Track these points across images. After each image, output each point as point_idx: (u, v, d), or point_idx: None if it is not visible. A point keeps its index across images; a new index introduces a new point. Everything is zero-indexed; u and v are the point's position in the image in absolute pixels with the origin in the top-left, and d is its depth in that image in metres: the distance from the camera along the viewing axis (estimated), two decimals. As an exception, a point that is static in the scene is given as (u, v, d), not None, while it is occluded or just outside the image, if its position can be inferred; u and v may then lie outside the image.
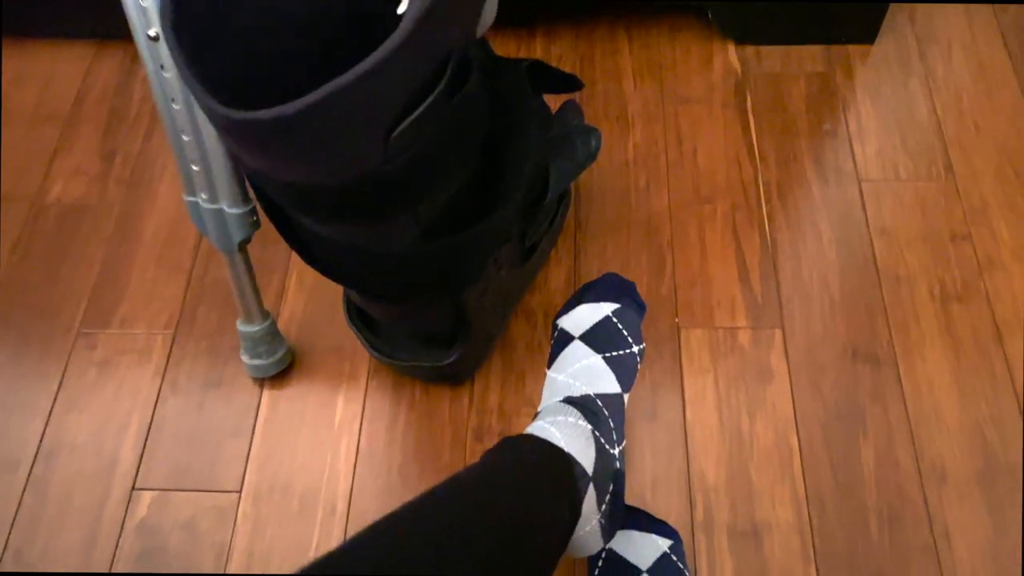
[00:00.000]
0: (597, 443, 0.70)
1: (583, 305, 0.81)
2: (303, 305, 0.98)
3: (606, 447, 0.71)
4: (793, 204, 1.02)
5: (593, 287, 0.82)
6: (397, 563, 0.47)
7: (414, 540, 0.49)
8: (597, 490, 0.68)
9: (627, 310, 0.80)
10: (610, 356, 0.77)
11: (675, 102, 1.11)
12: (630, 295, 0.82)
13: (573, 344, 0.78)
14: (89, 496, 0.88)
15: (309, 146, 0.52)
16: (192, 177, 0.78)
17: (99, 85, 1.18)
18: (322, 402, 0.92)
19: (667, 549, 0.76)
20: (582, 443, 0.69)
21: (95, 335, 0.97)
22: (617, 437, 0.73)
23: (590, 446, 0.69)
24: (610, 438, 0.72)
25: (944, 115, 1.08)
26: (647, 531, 0.78)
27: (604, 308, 0.81)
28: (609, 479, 0.70)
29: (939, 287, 0.96)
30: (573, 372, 0.76)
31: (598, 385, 0.74)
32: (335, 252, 0.69)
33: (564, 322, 0.81)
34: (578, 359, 0.77)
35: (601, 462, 0.70)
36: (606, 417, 0.73)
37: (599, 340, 0.78)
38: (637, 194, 1.04)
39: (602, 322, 0.79)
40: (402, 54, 0.50)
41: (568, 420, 0.70)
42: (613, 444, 0.72)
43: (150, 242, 1.04)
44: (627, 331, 0.79)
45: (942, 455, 0.86)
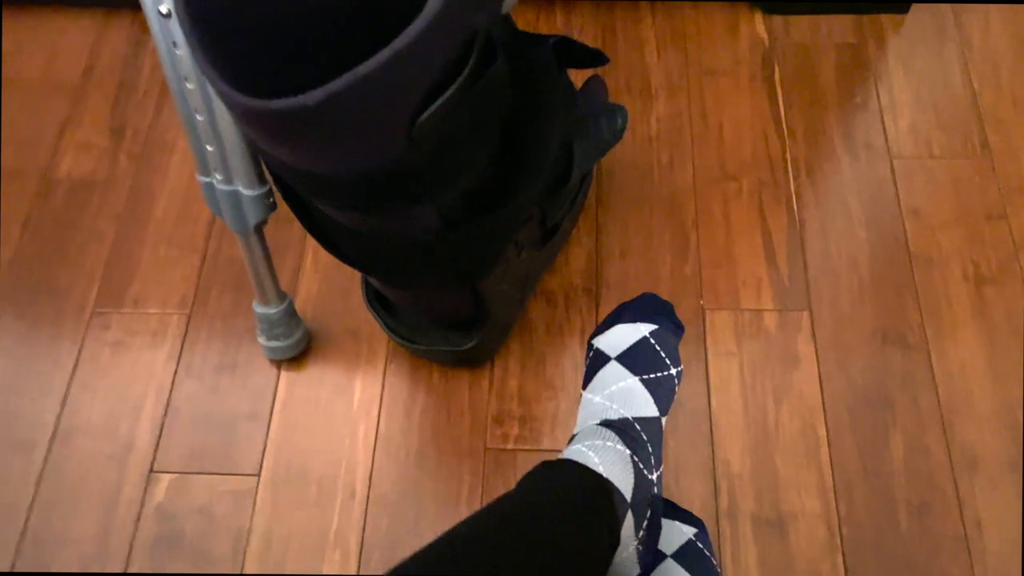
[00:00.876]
0: (636, 468, 0.68)
1: (620, 325, 0.78)
2: (319, 286, 0.96)
3: (644, 472, 0.69)
4: (822, 181, 0.99)
5: (630, 307, 0.80)
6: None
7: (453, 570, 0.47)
8: (635, 516, 0.67)
9: (665, 331, 0.78)
10: (648, 378, 0.74)
11: (700, 74, 1.07)
12: (668, 315, 0.80)
13: (610, 365, 0.76)
14: (106, 479, 0.87)
15: (331, 136, 0.49)
16: (206, 157, 0.75)
17: (108, 56, 1.15)
18: (340, 386, 0.91)
19: (692, 536, 0.75)
20: (620, 468, 0.67)
21: (108, 315, 0.96)
22: (655, 462, 0.72)
23: (628, 471, 0.67)
24: (648, 463, 0.70)
25: (981, 88, 1.04)
26: (672, 519, 0.76)
27: (642, 329, 0.78)
28: (647, 505, 0.69)
29: (972, 269, 0.93)
30: (610, 394, 0.74)
31: (636, 408, 0.72)
32: (354, 239, 0.66)
33: (600, 342, 0.79)
34: (615, 380, 0.74)
35: (639, 488, 0.68)
36: (644, 442, 0.71)
37: (636, 361, 0.76)
38: (660, 170, 1.01)
39: (639, 343, 0.77)
40: (427, 38, 0.47)
41: (607, 444, 0.68)
42: (651, 469, 0.71)
43: (162, 219, 1.02)
44: (665, 353, 0.77)
45: (974, 442, 0.84)
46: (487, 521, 0.54)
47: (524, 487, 0.62)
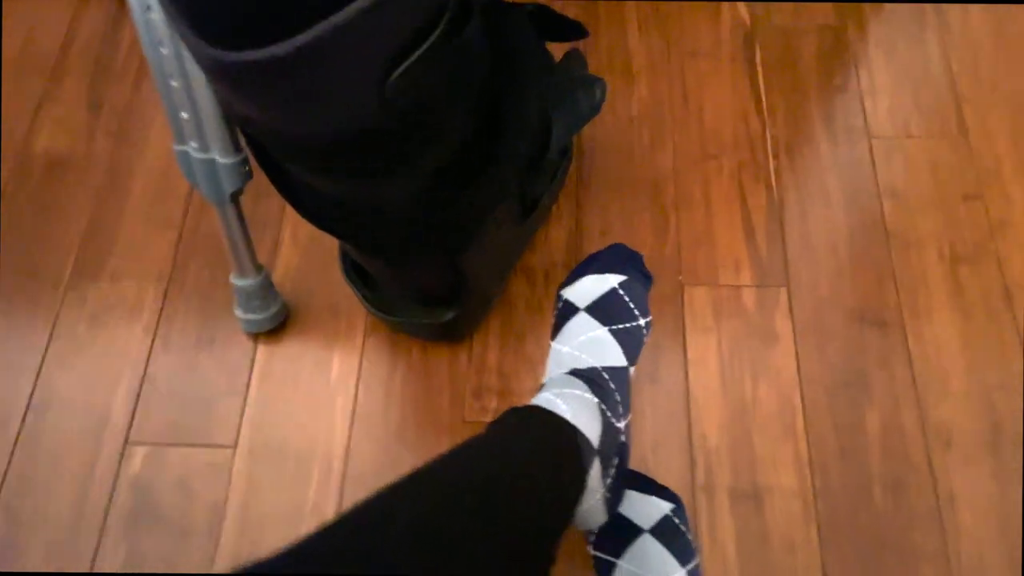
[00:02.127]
0: (603, 417, 0.68)
1: (589, 276, 0.78)
2: (298, 260, 0.96)
3: (612, 421, 0.69)
4: (801, 162, 1.00)
5: (599, 257, 0.80)
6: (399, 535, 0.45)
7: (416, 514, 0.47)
8: (603, 463, 0.67)
9: (634, 282, 0.78)
10: (616, 329, 0.75)
11: (681, 55, 1.08)
12: (637, 267, 0.80)
13: (578, 315, 0.76)
14: (81, 452, 0.86)
15: (302, 90, 0.49)
16: (181, 125, 0.75)
17: (85, 33, 1.14)
18: (318, 359, 0.90)
19: (669, 512, 0.75)
20: (588, 416, 0.67)
21: (84, 289, 0.95)
22: (623, 411, 0.72)
23: (596, 419, 0.68)
24: (616, 412, 0.70)
25: (959, 72, 1.05)
26: (648, 494, 0.76)
27: (610, 279, 0.79)
28: (614, 453, 0.69)
29: (949, 249, 0.93)
30: (579, 344, 0.74)
31: (604, 358, 0.73)
32: (331, 205, 0.66)
33: (569, 293, 0.79)
34: (584, 331, 0.74)
35: (607, 436, 0.68)
36: (612, 390, 0.71)
37: (605, 312, 0.76)
38: (641, 150, 1.01)
39: (608, 294, 0.77)
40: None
41: (575, 393, 0.68)
42: (619, 418, 0.71)
43: (139, 195, 1.01)
44: (633, 304, 0.77)
45: (948, 421, 0.85)
46: (452, 461, 0.54)
47: (492, 431, 0.63)
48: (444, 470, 0.52)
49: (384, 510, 0.48)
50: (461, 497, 0.49)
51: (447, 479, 0.51)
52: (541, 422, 0.65)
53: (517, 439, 0.61)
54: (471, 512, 0.49)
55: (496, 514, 0.50)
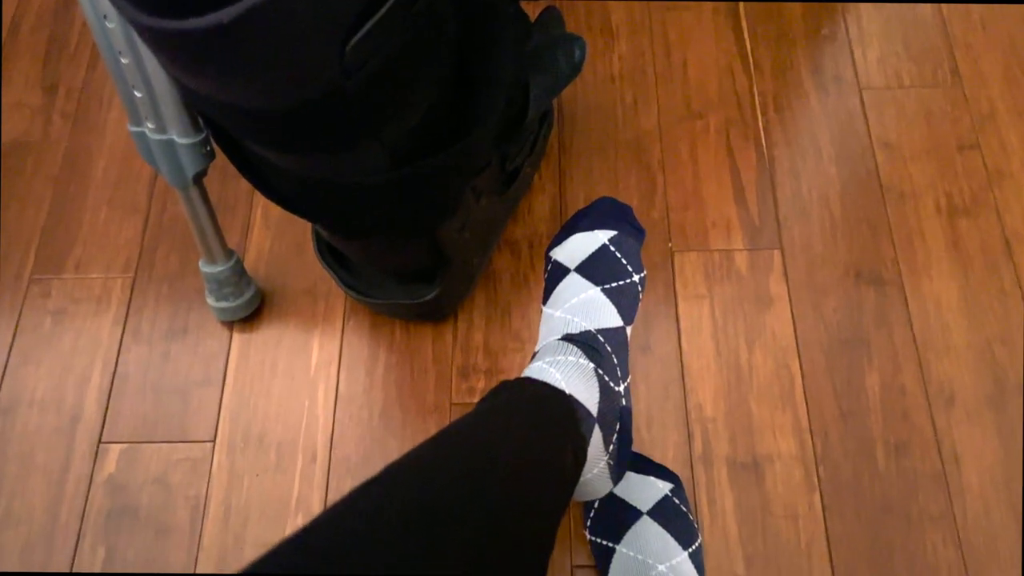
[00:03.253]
0: (601, 381, 0.65)
1: (577, 234, 0.75)
2: (271, 243, 0.92)
3: (610, 384, 0.66)
4: (791, 117, 0.96)
5: (587, 213, 0.76)
6: (395, 521, 0.42)
7: (409, 499, 0.44)
8: (603, 431, 0.64)
9: (625, 236, 0.74)
10: (610, 287, 0.71)
11: (662, 9, 1.03)
12: (627, 220, 0.76)
13: (569, 276, 0.72)
14: (53, 452, 0.83)
15: (253, 59, 0.45)
16: (136, 105, 0.70)
17: (34, 10, 1.08)
18: (296, 345, 0.87)
19: (668, 492, 0.72)
20: (584, 383, 0.64)
21: (48, 282, 0.91)
22: (621, 373, 0.68)
23: (593, 385, 0.64)
24: (614, 375, 0.67)
25: (949, 15, 1.01)
26: (646, 474, 0.74)
27: (600, 236, 0.75)
28: (616, 418, 0.66)
29: (946, 201, 0.90)
30: (571, 307, 0.70)
31: (598, 319, 0.69)
32: (296, 184, 0.62)
33: (557, 253, 0.75)
34: (575, 293, 0.71)
35: (606, 401, 0.65)
36: (608, 353, 0.68)
37: (597, 271, 0.72)
38: (624, 111, 0.97)
39: (599, 251, 0.73)
40: (354, -54, 0.42)
41: (568, 359, 0.65)
42: (617, 381, 0.67)
43: (101, 180, 0.96)
44: (626, 259, 0.73)
45: (950, 378, 0.82)
46: (442, 445, 0.50)
47: (481, 408, 0.59)
48: (432, 456, 0.49)
49: (371, 503, 0.44)
50: (453, 484, 0.46)
51: (436, 465, 0.48)
52: (533, 395, 0.62)
53: (509, 416, 0.58)
54: (468, 493, 0.45)
55: (493, 494, 0.47)
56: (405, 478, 0.46)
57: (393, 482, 0.45)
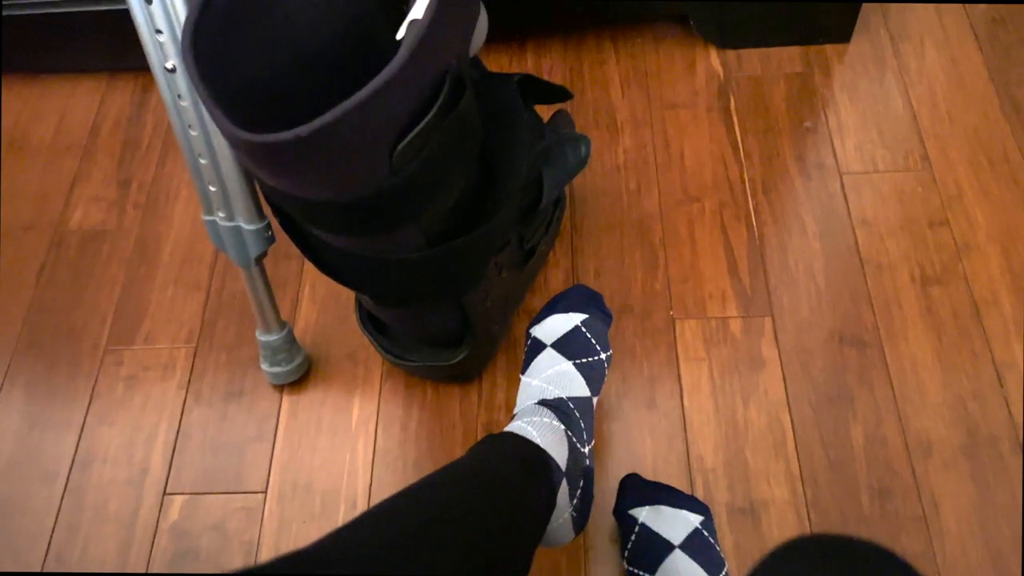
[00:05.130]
0: (569, 442, 0.76)
1: (554, 315, 0.87)
2: (316, 316, 1.04)
3: (577, 446, 0.77)
4: (778, 199, 1.07)
5: (563, 298, 0.88)
6: (393, 542, 0.52)
7: (409, 520, 0.54)
8: (570, 484, 0.74)
9: (595, 320, 0.86)
10: (580, 363, 0.83)
11: (662, 107, 1.17)
12: (597, 305, 0.88)
13: (546, 351, 0.84)
14: (123, 502, 0.93)
15: (323, 163, 0.57)
16: (210, 198, 0.83)
17: (112, 116, 1.24)
18: (339, 405, 0.97)
19: (698, 525, 0.80)
20: (556, 441, 0.75)
21: (121, 352, 1.03)
22: (587, 437, 0.79)
23: (563, 444, 0.75)
24: (581, 438, 0.78)
25: (919, 108, 1.13)
26: (678, 507, 0.82)
27: (574, 318, 0.86)
28: (580, 475, 0.76)
29: (919, 271, 1.01)
30: (546, 377, 0.82)
31: (570, 389, 0.80)
32: (346, 260, 0.74)
33: (537, 331, 0.87)
34: (551, 365, 0.82)
35: (573, 459, 0.75)
36: (577, 419, 0.79)
37: (570, 347, 0.84)
38: (629, 196, 1.10)
39: (572, 331, 0.85)
40: (402, 76, 0.55)
41: (543, 420, 0.76)
42: (583, 443, 0.78)
43: (168, 262, 1.09)
44: (595, 339, 0.85)
45: (927, 430, 0.91)
46: (438, 478, 0.61)
47: (470, 454, 0.70)
48: (431, 484, 0.60)
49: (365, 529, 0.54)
50: (449, 505, 0.56)
51: (434, 491, 0.59)
52: (514, 444, 0.73)
53: (494, 457, 0.69)
54: (459, 517, 0.56)
55: (481, 520, 0.57)
56: (400, 509, 0.56)
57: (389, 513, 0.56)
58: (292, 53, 0.65)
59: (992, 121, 1.11)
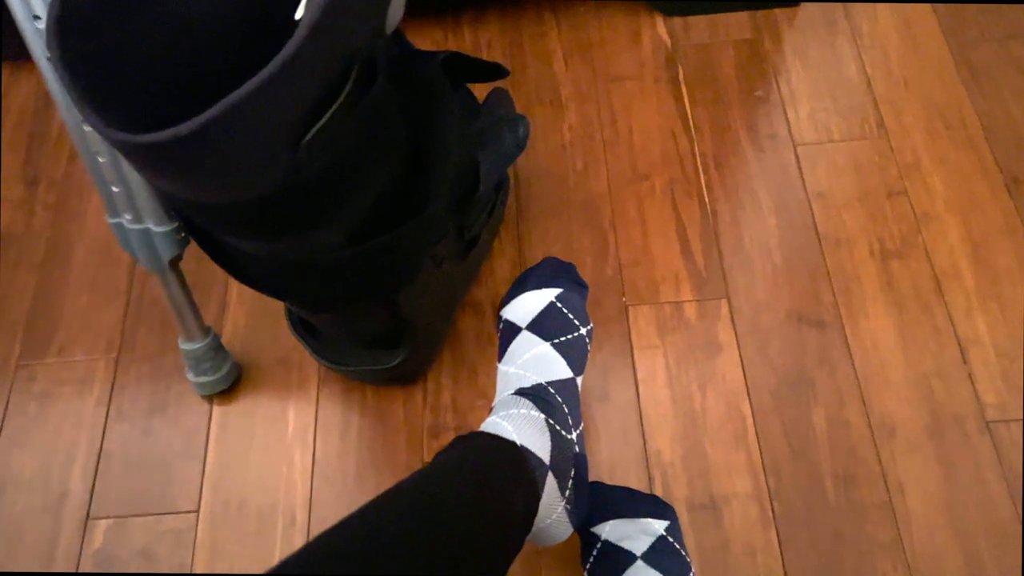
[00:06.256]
0: (552, 430, 0.70)
1: (526, 293, 0.80)
2: (245, 318, 0.97)
3: (562, 433, 0.71)
4: (730, 174, 1.02)
5: (533, 273, 0.82)
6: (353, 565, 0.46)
7: (365, 544, 0.48)
8: (557, 478, 0.68)
9: (570, 293, 0.80)
10: (559, 342, 0.76)
11: (607, 81, 1.11)
12: (571, 277, 0.82)
13: (521, 335, 0.78)
14: (41, 530, 0.86)
15: (212, 164, 0.50)
16: (113, 199, 0.76)
17: (16, 110, 1.14)
18: (273, 415, 0.91)
19: (663, 532, 0.76)
20: (536, 433, 0.69)
21: (33, 367, 0.95)
22: (573, 421, 0.73)
23: (544, 435, 0.69)
24: (565, 424, 0.72)
25: (873, 73, 1.09)
26: (642, 516, 0.77)
27: (547, 294, 0.80)
28: (569, 464, 0.70)
29: (878, 245, 0.97)
30: (523, 363, 0.75)
31: (549, 372, 0.74)
32: (262, 266, 0.67)
33: (508, 313, 0.80)
34: (527, 349, 0.76)
35: (558, 449, 0.69)
36: (560, 403, 0.73)
37: (546, 327, 0.77)
38: (575, 176, 1.04)
39: (547, 309, 0.79)
40: (298, 63, 0.48)
41: (520, 412, 0.70)
42: (569, 429, 0.72)
43: (82, 267, 1.01)
44: (572, 314, 0.79)
45: (891, 411, 0.87)
46: (396, 494, 0.55)
47: (435, 460, 0.64)
48: (388, 502, 0.53)
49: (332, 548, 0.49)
50: (407, 525, 0.50)
51: (390, 509, 0.52)
52: (483, 446, 0.67)
53: (458, 468, 0.62)
54: (420, 537, 0.50)
55: (443, 536, 0.51)
56: (357, 531, 0.50)
57: (346, 535, 0.49)
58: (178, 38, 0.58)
59: (948, 85, 1.07)
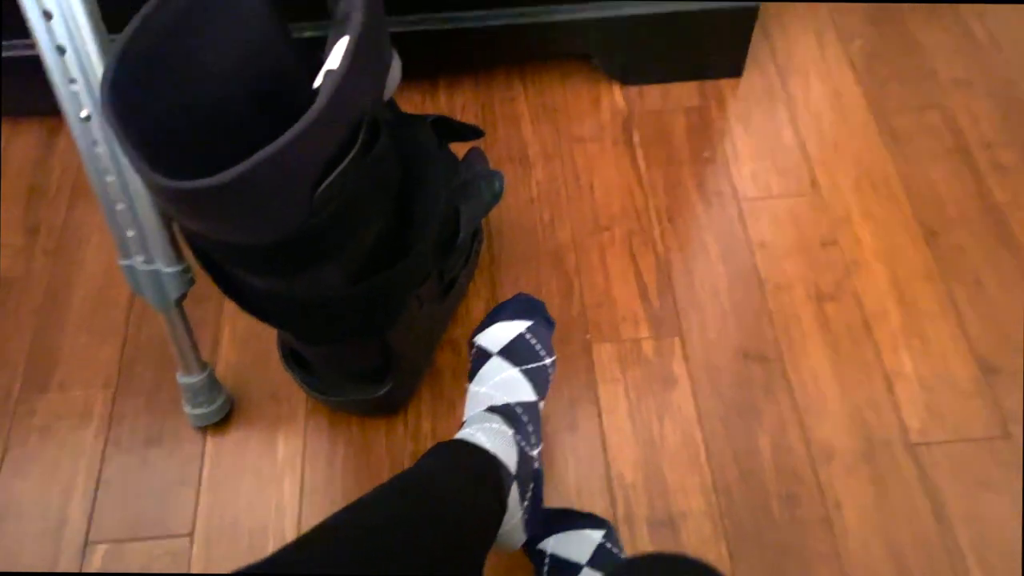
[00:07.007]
0: (518, 446, 0.78)
1: (500, 322, 0.89)
2: (237, 356, 1.04)
3: (526, 449, 0.79)
4: (682, 225, 1.14)
5: (506, 307, 0.91)
6: (344, 553, 0.53)
7: (358, 533, 0.56)
8: (520, 487, 0.76)
9: (539, 326, 0.89)
10: (526, 368, 0.85)
11: (570, 141, 1.22)
12: (540, 313, 0.91)
13: (492, 359, 0.86)
14: (41, 555, 0.90)
15: (246, 207, 0.59)
16: (127, 242, 0.83)
17: (16, 162, 1.21)
18: (263, 444, 0.97)
19: (601, 539, 0.84)
20: (504, 446, 0.77)
21: (34, 401, 1.00)
22: (535, 440, 0.82)
23: (512, 448, 0.78)
24: (529, 441, 0.81)
25: (807, 136, 1.22)
26: (580, 528, 0.85)
27: (519, 325, 0.89)
28: (530, 478, 0.79)
29: (814, 289, 1.08)
30: (494, 384, 0.84)
31: (517, 394, 0.83)
32: (270, 300, 0.75)
33: (481, 340, 0.89)
34: (497, 372, 0.85)
35: (522, 463, 0.78)
36: (525, 423, 0.82)
37: (516, 354, 0.86)
38: (543, 227, 1.14)
39: (517, 338, 0.88)
40: (321, 122, 0.57)
41: (492, 427, 0.79)
42: (532, 447, 0.81)
43: (80, 308, 1.07)
44: (540, 345, 0.88)
45: (828, 437, 0.97)
46: (386, 489, 0.63)
47: (417, 465, 0.72)
48: (379, 497, 0.61)
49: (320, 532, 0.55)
50: (397, 515, 0.58)
51: (381, 502, 0.60)
52: (463, 451, 0.76)
53: (441, 469, 0.71)
54: (408, 527, 0.57)
55: (430, 528, 0.59)
56: (349, 520, 0.58)
57: (339, 525, 0.57)
58: (211, 102, 0.67)
59: (873, 148, 1.21)
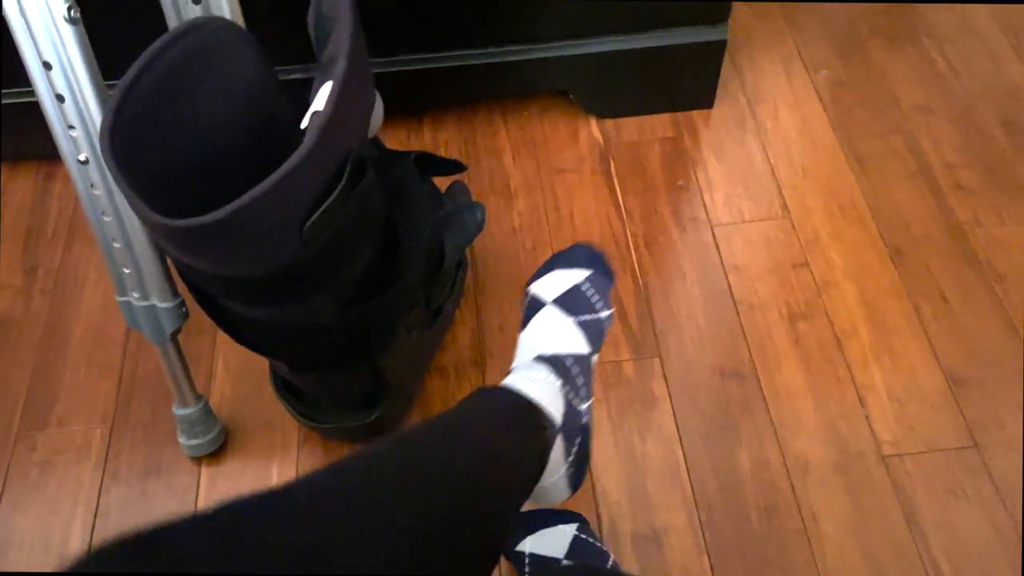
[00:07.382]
0: (566, 398, 0.75)
1: (555, 271, 0.86)
2: (231, 388, 1.07)
3: (574, 402, 0.76)
4: (659, 251, 1.18)
5: (565, 255, 0.88)
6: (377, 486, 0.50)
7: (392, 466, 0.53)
8: (565, 441, 0.74)
9: (598, 277, 0.85)
10: (581, 320, 0.82)
11: (550, 173, 1.27)
12: (601, 263, 0.87)
13: (546, 308, 0.82)
14: (41, 588, 0.93)
15: (238, 243, 0.63)
16: (124, 280, 0.87)
17: (14, 204, 1.25)
18: (258, 473, 1.00)
19: (575, 532, 0.85)
20: (551, 396, 0.74)
21: (33, 437, 1.03)
22: (585, 393, 0.79)
23: (559, 400, 0.74)
24: (579, 394, 0.78)
25: (777, 163, 1.27)
26: (554, 524, 0.87)
27: (576, 275, 0.85)
28: (577, 432, 0.76)
29: (786, 309, 1.12)
30: (544, 333, 0.81)
31: (569, 345, 0.79)
32: (263, 331, 0.79)
33: (536, 288, 0.85)
34: (551, 321, 0.81)
35: (569, 415, 0.75)
36: (575, 375, 0.78)
37: (571, 304, 0.82)
38: (526, 255, 1.18)
39: (573, 288, 0.84)
40: (309, 161, 0.62)
41: (539, 376, 0.75)
42: (581, 400, 0.78)
43: (78, 345, 1.11)
44: (597, 297, 0.84)
45: (804, 450, 1.01)
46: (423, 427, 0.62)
47: (455, 410, 0.69)
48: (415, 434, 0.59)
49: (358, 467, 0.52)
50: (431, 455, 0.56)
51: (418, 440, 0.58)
52: (503, 399, 0.72)
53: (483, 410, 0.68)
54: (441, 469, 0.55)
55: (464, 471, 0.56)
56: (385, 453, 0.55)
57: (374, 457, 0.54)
58: (204, 144, 0.71)
59: (840, 172, 1.26)
